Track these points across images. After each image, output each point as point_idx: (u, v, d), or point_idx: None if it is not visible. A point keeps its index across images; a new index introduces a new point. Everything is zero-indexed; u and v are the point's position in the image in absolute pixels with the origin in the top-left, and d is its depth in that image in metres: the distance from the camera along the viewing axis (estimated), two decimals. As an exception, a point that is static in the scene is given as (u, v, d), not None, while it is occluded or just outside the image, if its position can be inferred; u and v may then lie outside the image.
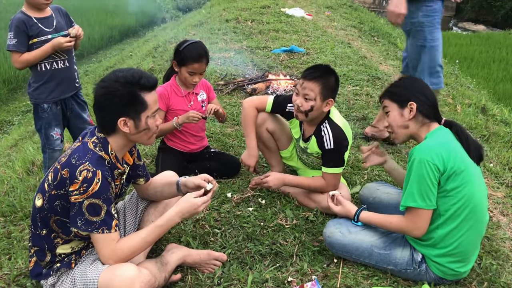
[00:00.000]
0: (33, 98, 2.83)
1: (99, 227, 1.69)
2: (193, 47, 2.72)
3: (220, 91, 4.75)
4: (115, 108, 1.73)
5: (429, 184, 1.90)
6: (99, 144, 1.78)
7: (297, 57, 6.03)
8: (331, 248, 2.24)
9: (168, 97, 2.82)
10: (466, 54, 11.40)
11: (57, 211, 1.73)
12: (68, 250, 1.82)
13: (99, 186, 1.67)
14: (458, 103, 5.29)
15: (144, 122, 1.79)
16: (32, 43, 2.72)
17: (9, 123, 7.07)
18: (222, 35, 7.14)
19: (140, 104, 1.76)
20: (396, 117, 2.10)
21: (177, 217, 1.83)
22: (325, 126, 2.50)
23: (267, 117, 2.76)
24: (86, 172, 1.66)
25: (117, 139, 1.82)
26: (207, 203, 1.88)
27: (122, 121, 1.75)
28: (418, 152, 1.92)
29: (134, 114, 1.76)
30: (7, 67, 8.45)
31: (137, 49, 8.93)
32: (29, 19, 2.69)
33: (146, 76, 1.78)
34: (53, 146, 2.92)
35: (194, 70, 2.73)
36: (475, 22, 19.36)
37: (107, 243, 1.72)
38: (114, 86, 1.71)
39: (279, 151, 2.90)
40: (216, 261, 2.15)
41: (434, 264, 2.04)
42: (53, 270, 1.81)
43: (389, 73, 6.06)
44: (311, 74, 2.40)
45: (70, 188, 1.67)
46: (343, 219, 2.29)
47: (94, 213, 1.68)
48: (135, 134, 1.80)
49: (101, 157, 1.75)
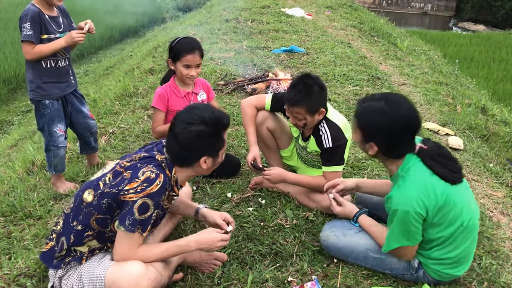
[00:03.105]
0: (34, 94, 2.83)
1: (137, 225, 1.72)
2: (185, 41, 2.75)
3: (220, 91, 4.75)
4: (202, 148, 1.85)
5: (413, 229, 1.90)
6: (165, 164, 1.85)
7: (297, 57, 6.03)
8: (328, 251, 2.25)
9: (167, 98, 2.83)
10: (466, 54, 11.41)
11: (101, 209, 1.76)
12: (85, 249, 1.85)
13: (158, 188, 1.73)
14: (458, 103, 5.29)
15: (220, 157, 1.93)
16: (42, 38, 2.75)
17: (9, 123, 7.07)
18: (222, 35, 7.14)
19: (220, 142, 1.89)
20: (360, 145, 2.01)
21: (194, 244, 1.89)
22: (322, 126, 2.51)
23: (267, 116, 2.76)
24: (150, 173, 1.74)
25: (187, 171, 1.92)
26: (225, 243, 1.94)
27: (204, 159, 1.86)
28: (399, 203, 1.88)
29: (215, 152, 1.89)
30: (7, 67, 8.45)
31: (137, 49, 8.92)
32: (43, 14, 2.72)
33: (226, 116, 1.90)
34: (57, 143, 2.91)
35: (189, 63, 2.73)
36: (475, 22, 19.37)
37: (131, 244, 1.75)
38: (203, 128, 1.81)
39: (279, 150, 2.91)
40: (217, 260, 2.15)
41: (432, 269, 2.04)
42: (64, 263, 1.82)
43: (389, 73, 6.06)
44: (292, 100, 2.41)
45: (126, 186, 1.72)
46: (338, 222, 2.30)
47: (143, 212, 1.72)
48: (209, 169, 1.92)
49: (165, 171, 1.82)
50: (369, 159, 3.32)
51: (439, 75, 6.82)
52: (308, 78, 2.44)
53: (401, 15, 20.19)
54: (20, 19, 2.70)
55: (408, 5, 21.87)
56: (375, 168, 3.18)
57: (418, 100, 5.16)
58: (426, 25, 19.35)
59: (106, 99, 4.85)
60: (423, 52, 8.46)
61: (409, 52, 8.14)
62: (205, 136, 1.81)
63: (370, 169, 3.17)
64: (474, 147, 4.14)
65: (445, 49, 11.41)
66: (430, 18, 21.07)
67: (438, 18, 20.82)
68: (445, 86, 6.02)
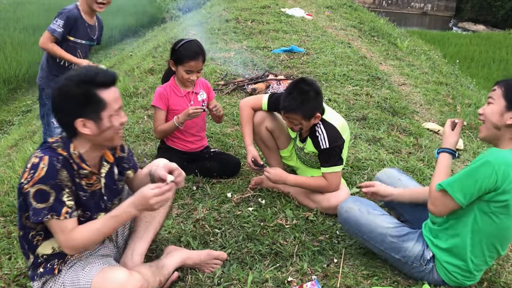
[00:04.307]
0: (41, 81, 2.94)
1: (48, 213, 1.61)
2: (189, 45, 2.73)
3: (220, 91, 4.75)
4: (70, 109, 1.64)
5: (476, 186, 1.79)
6: (60, 143, 1.70)
7: (297, 57, 6.03)
8: (344, 224, 2.19)
9: (167, 97, 2.83)
10: (466, 54, 11.42)
11: (22, 208, 1.69)
12: (49, 251, 1.76)
13: (45, 171, 1.59)
14: (458, 103, 5.30)
15: (106, 121, 1.67)
16: (67, 38, 2.85)
17: (9, 123, 7.07)
18: (222, 35, 7.15)
19: (98, 103, 1.64)
20: (494, 113, 1.87)
21: (131, 209, 1.69)
22: (319, 127, 2.52)
23: (266, 116, 2.77)
24: (34, 158, 1.62)
25: (82, 143, 1.72)
26: (162, 196, 1.67)
27: (80, 122, 1.64)
28: (493, 156, 1.78)
29: (94, 114, 1.65)
30: (7, 67, 8.46)
31: (137, 49, 8.93)
32: (81, 19, 2.82)
33: (103, 72, 1.66)
34: (53, 134, 2.98)
35: (191, 68, 2.74)
36: (475, 22, 19.38)
37: (61, 231, 1.65)
38: (67, 86, 1.62)
39: (279, 150, 2.91)
40: (217, 260, 2.14)
41: (442, 268, 2.02)
42: (37, 275, 1.76)
43: (389, 73, 6.06)
44: (287, 108, 2.42)
45: (22, 179, 1.62)
46: (364, 199, 2.23)
47: (42, 200, 1.60)
48: (99, 134, 1.69)
49: (55, 150, 1.67)
50: (370, 159, 3.32)
51: (439, 75, 6.82)
52: (303, 84, 2.44)
53: (401, 15, 20.20)
54: (59, 13, 2.83)
55: (408, 5, 21.88)
56: (375, 168, 3.18)
57: (418, 100, 5.16)
58: (426, 25, 19.36)
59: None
60: (423, 52, 8.46)
61: (409, 52, 8.15)
62: (70, 96, 1.61)
63: (370, 169, 3.17)
64: (474, 147, 4.14)
65: (445, 49, 11.42)
66: (430, 18, 21.07)
67: (438, 18, 20.83)
68: (445, 86, 6.03)
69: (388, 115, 4.39)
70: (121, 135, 1.78)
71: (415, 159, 3.44)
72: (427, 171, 3.23)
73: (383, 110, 4.48)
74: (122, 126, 1.75)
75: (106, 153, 1.86)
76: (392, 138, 3.83)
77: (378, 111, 4.40)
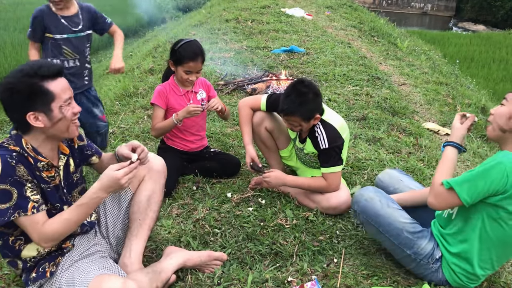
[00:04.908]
0: None
1: (14, 211, 1.60)
2: (188, 46, 2.73)
3: (220, 91, 4.75)
4: (19, 104, 1.63)
5: (484, 187, 1.77)
6: (10, 140, 1.69)
7: (297, 57, 6.03)
8: (361, 213, 2.14)
9: (167, 96, 2.83)
10: (466, 54, 11.42)
11: None
12: (34, 252, 1.76)
13: (1, 169, 1.58)
14: (458, 103, 5.30)
15: (57, 112, 1.67)
16: (47, 36, 2.80)
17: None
18: (222, 35, 7.15)
19: (45, 94, 1.64)
20: (503, 115, 1.86)
21: (100, 193, 1.70)
22: (318, 127, 2.52)
23: (265, 116, 2.77)
24: None
25: (36, 137, 1.71)
26: (130, 174, 1.71)
27: (31, 116, 1.64)
28: (507, 158, 1.77)
29: (43, 106, 1.65)
30: (7, 67, 8.45)
31: (137, 49, 8.93)
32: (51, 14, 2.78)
33: (47, 64, 1.66)
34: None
35: (190, 69, 2.74)
36: (475, 22, 19.38)
37: (32, 227, 1.65)
38: (11, 82, 1.62)
39: (279, 150, 2.91)
40: (217, 261, 2.14)
41: (448, 268, 2.02)
42: (30, 280, 1.76)
43: (389, 73, 6.06)
44: (286, 110, 2.42)
45: None
46: (384, 192, 2.19)
47: (5, 199, 1.59)
48: (52, 126, 1.69)
49: (7, 148, 1.66)
50: (370, 159, 3.32)
51: (439, 75, 6.82)
52: (301, 86, 2.43)
53: (401, 15, 20.21)
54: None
55: (408, 5, 21.89)
56: (375, 168, 3.18)
57: (418, 100, 5.16)
58: (426, 25, 19.36)
59: (106, 99, 4.85)
60: (423, 52, 8.47)
61: (409, 52, 8.15)
62: (16, 91, 1.61)
63: (370, 169, 3.17)
64: (474, 147, 4.14)
65: (445, 49, 11.42)
66: (430, 18, 21.08)
67: (438, 18, 20.84)
68: (445, 86, 6.03)
69: (388, 115, 4.39)
70: (77, 125, 1.79)
71: (415, 159, 3.44)
72: (427, 171, 3.23)
73: (383, 110, 4.48)
74: (76, 116, 1.75)
75: (61, 145, 1.86)
76: (392, 138, 3.83)
77: (378, 111, 4.40)
